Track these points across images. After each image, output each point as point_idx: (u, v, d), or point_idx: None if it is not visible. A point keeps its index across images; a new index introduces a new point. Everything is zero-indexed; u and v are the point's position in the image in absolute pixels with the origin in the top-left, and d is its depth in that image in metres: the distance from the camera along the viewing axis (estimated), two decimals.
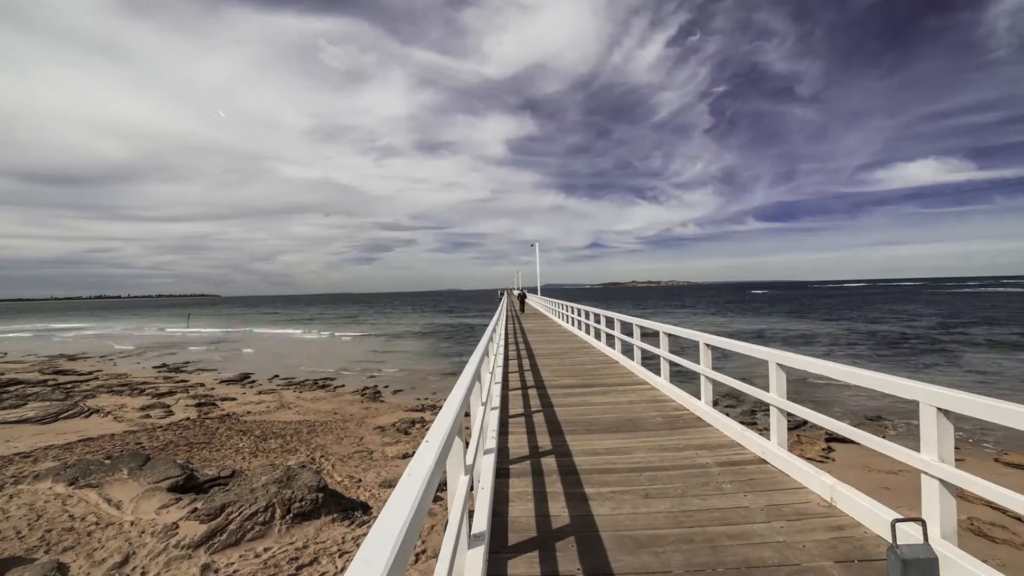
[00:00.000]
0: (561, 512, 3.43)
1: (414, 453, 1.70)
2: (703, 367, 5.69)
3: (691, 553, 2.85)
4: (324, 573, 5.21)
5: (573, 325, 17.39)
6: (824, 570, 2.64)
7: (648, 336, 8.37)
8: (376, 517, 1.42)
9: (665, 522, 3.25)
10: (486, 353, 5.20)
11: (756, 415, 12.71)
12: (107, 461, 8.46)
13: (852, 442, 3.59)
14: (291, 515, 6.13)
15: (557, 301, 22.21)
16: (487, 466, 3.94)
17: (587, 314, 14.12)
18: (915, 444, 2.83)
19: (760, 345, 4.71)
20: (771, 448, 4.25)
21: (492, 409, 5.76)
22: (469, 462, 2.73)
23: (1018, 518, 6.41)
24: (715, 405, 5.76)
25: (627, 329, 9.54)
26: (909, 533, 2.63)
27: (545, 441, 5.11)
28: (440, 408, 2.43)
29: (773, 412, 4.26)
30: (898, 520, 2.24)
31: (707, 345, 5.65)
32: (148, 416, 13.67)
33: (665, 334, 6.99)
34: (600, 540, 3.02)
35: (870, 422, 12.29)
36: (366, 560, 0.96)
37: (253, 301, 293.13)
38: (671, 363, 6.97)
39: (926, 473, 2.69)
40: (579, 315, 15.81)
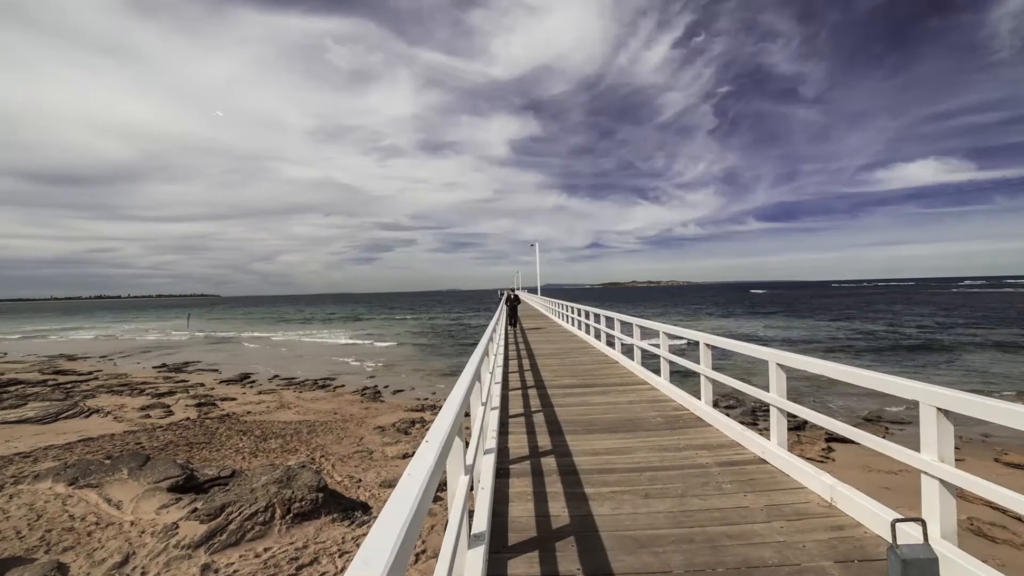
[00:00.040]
0: (561, 512, 3.43)
1: (414, 453, 1.70)
2: (703, 367, 5.69)
3: (691, 553, 2.85)
4: (324, 573, 5.21)
5: (573, 325, 17.39)
6: (824, 570, 2.64)
7: (648, 336, 8.37)
8: (376, 517, 1.42)
9: (665, 522, 3.25)
10: (486, 353, 5.20)
11: (756, 415, 12.71)
12: (107, 461, 8.46)
13: (852, 442, 3.59)
14: (291, 515, 6.13)
15: (557, 301, 22.21)
16: (487, 466, 3.94)
17: (587, 314, 14.12)
18: (915, 444, 2.84)
19: (760, 345, 4.71)
20: (771, 448, 4.25)
21: (492, 409, 5.76)
22: (469, 462, 2.73)
23: (1018, 518, 6.41)
24: (715, 405, 5.76)
25: (627, 329, 9.54)
26: (909, 533, 2.63)
27: (545, 441, 5.11)
28: (440, 408, 2.43)
29: (773, 412, 4.26)
30: (898, 520, 2.24)
31: (707, 345, 5.65)
32: (148, 416, 13.68)
33: (665, 334, 7.00)
34: (600, 540, 3.02)
35: (870, 422, 12.29)
36: (366, 560, 0.96)
37: (253, 301, 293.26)
38: (671, 363, 6.98)
39: (926, 473, 2.69)
40: (579, 315, 15.81)
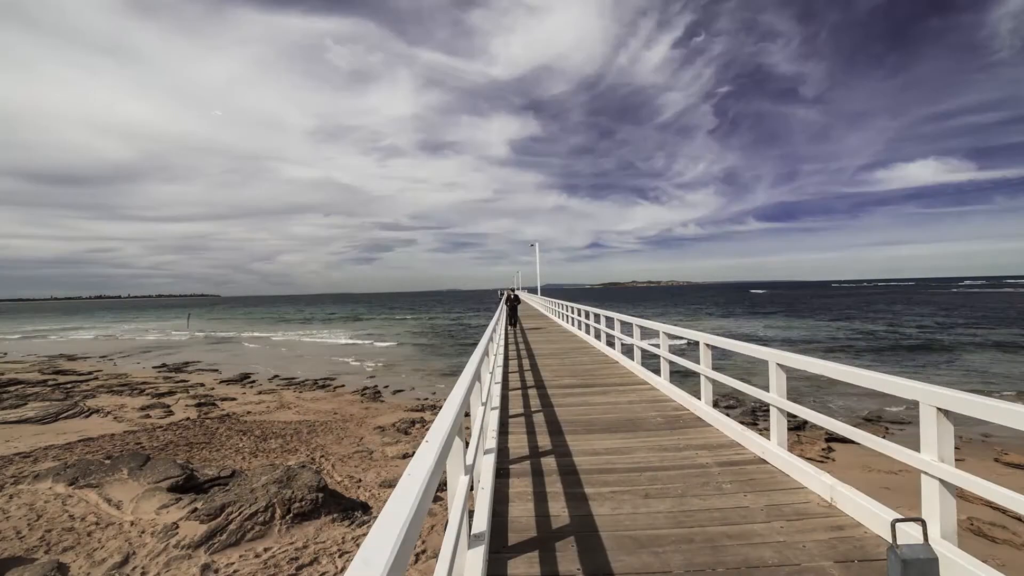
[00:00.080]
0: (561, 512, 3.43)
1: (414, 453, 1.70)
2: (703, 367, 5.69)
3: (691, 553, 2.85)
4: (324, 573, 5.21)
5: (573, 325, 17.39)
6: (824, 570, 2.64)
7: (648, 336, 8.37)
8: (376, 517, 1.42)
9: (665, 522, 3.25)
10: (486, 353, 5.20)
11: (756, 415, 12.71)
12: (107, 461, 8.46)
13: (852, 442, 3.59)
14: (291, 515, 6.13)
15: (557, 301, 22.21)
16: (487, 466, 3.94)
17: (587, 314, 14.12)
18: (915, 444, 2.84)
19: (760, 345, 4.71)
20: (771, 448, 4.25)
21: (492, 409, 5.76)
22: (469, 462, 2.73)
23: (1018, 518, 6.41)
24: (715, 405, 5.76)
25: (627, 329, 9.54)
26: (909, 533, 2.63)
27: (545, 441, 5.11)
28: (440, 408, 2.43)
29: (773, 412, 4.26)
30: (898, 520, 2.24)
31: (707, 345, 5.65)
32: (148, 416, 13.68)
33: (665, 334, 7.00)
34: (600, 540, 3.02)
35: (870, 422, 12.29)
36: (366, 560, 0.96)
37: (253, 301, 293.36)
38: (671, 363, 6.98)
39: (926, 473, 2.69)
40: (579, 315, 15.81)
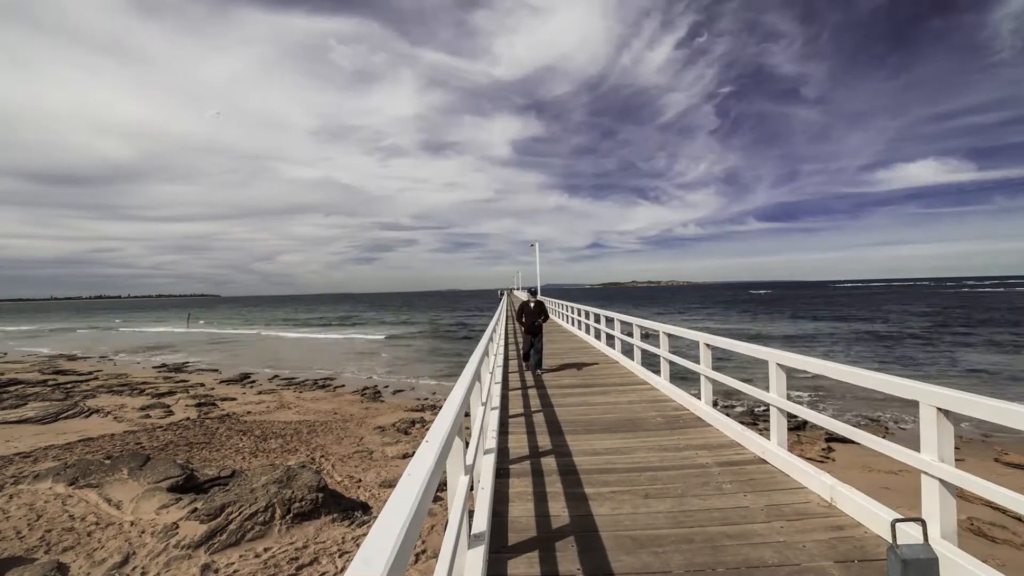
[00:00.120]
0: (561, 512, 3.43)
1: (414, 453, 1.70)
2: (703, 367, 5.69)
3: (691, 553, 2.85)
4: (324, 573, 5.21)
5: (573, 325, 17.39)
6: (824, 570, 2.64)
7: (648, 336, 8.37)
8: (376, 517, 1.42)
9: (665, 522, 3.25)
10: (486, 353, 5.20)
11: (756, 415, 12.72)
12: (107, 461, 8.45)
13: (852, 442, 3.59)
14: (291, 515, 6.13)
15: (557, 301, 22.21)
16: (487, 466, 3.94)
17: (587, 314, 14.12)
18: (915, 444, 2.84)
19: (760, 345, 4.71)
20: (771, 448, 4.25)
21: (492, 409, 5.76)
22: (469, 462, 2.73)
23: (1018, 518, 6.41)
24: (715, 405, 5.76)
25: (627, 329, 9.54)
26: (909, 533, 2.63)
27: (545, 441, 5.11)
28: (440, 408, 2.43)
29: (773, 412, 4.26)
30: (898, 520, 2.24)
31: (707, 345, 5.65)
32: (148, 416, 13.68)
33: (665, 334, 7.00)
34: (600, 540, 3.02)
35: (870, 422, 12.29)
36: (366, 560, 0.96)
37: (253, 301, 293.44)
38: (671, 363, 6.98)
39: (926, 473, 2.69)
40: (579, 315, 15.81)
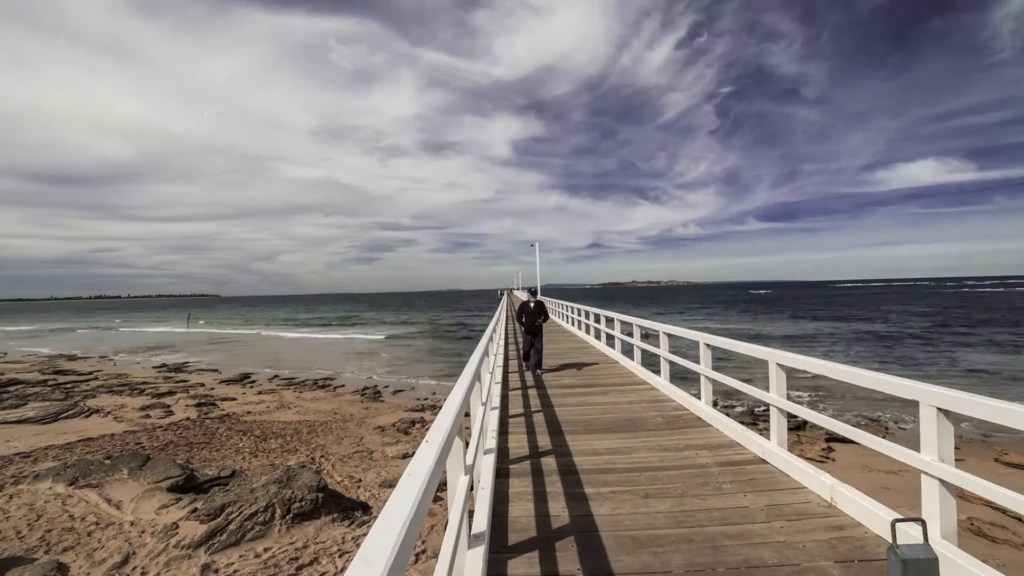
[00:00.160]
0: (561, 512, 3.43)
1: (414, 453, 1.70)
2: (703, 367, 5.69)
3: (691, 553, 2.85)
4: (324, 573, 5.21)
5: (573, 325, 17.39)
6: (824, 570, 2.64)
7: (648, 336, 8.37)
8: (376, 517, 1.42)
9: (665, 522, 3.25)
10: (486, 353, 5.20)
11: (756, 415, 12.72)
12: (107, 461, 8.45)
13: (852, 442, 3.59)
14: (291, 515, 6.13)
15: (557, 301, 22.21)
16: (487, 466, 3.94)
17: (587, 314, 14.12)
18: (915, 444, 2.84)
19: (760, 345, 4.71)
20: (771, 448, 4.25)
21: (492, 409, 5.76)
22: (469, 462, 2.73)
23: (1018, 518, 6.41)
24: (715, 405, 5.76)
25: (627, 329, 9.54)
26: (909, 533, 2.63)
27: (545, 441, 5.11)
28: (440, 408, 2.43)
29: (773, 412, 4.26)
30: (898, 520, 2.24)
31: (707, 345, 5.65)
32: (148, 416, 13.68)
33: (665, 334, 7.00)
34: (600, 540, 3.02)
35: (870, 422, 12.29)
36: (366, 560, 0.96)
37: (254, 301, 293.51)
38: (671, 363, 6.98)
39: (926, 473, 2.69)
40: (579, 315, 15.81)
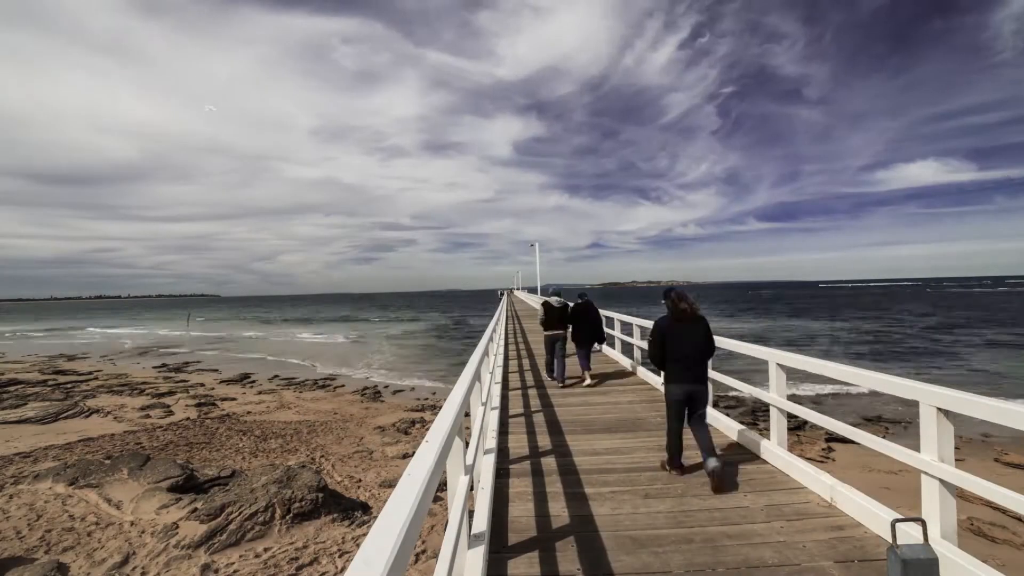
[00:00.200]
0: (561, 512, 3.43)
1: (414, 453, 1.70)
2: None
3: (691, 553, 2.85)
4: (324, 573, 5.21)
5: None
6: (824, 570, 2.64)
7: (648, 336, 8.36)
8: (376, 517, 1.42)
9: (665, 522, 3.25)
10: (486, 353, 5.20)
11: (756, 415, 12.71)
12: (107, 461, 8.45)
13: (852, 442, 3.59)
14: (291, 515, 6.13)
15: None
16: (487, 466, 3.94)
17: None
18: (915, 444, 2.84)
19: (760, 345, 4.71)
20: (771, 448, 4.25)
21: (492, 409, 5.76)
22: (469, 462, 2.73)
23: (1018, 518, 6.41)
24: (715, 405, 5.75)
25: (627, 329, 9.54)
26: (909, 533, 2.63)
27: (545, 441, 5.11)
28: (440, 408, 2.43)
29: (773, 412, 4.26)
30: (898, 520, 2.23)
31: None
32: (148, 416, 13.67)
33: None
34: (600, 540, 3.02)
35: (870, 422, 12.29)
36: (366, 560, 0.96)
37: (254, 301, 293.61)
38: None
39: (926, 473, 2.69)
40: None
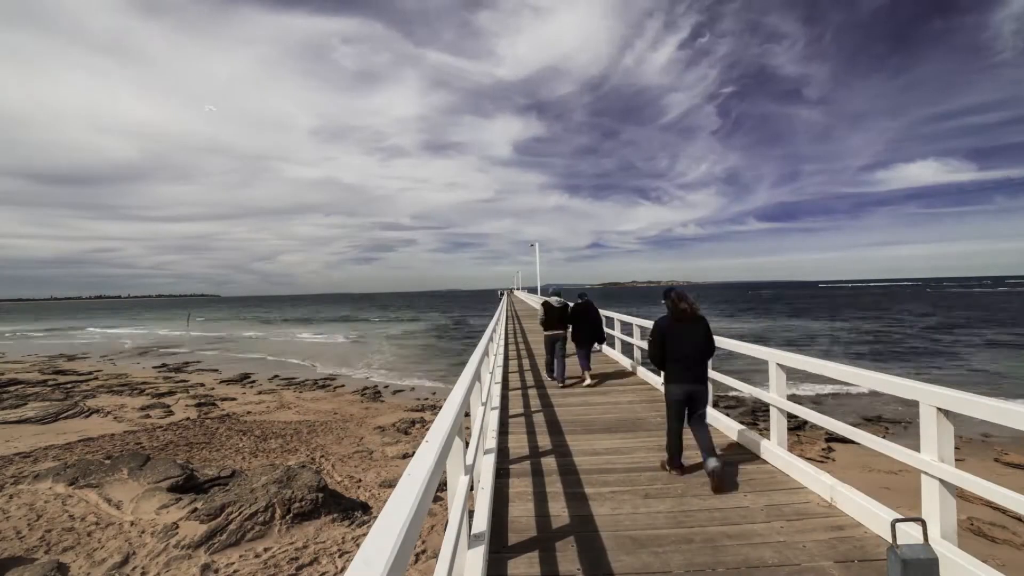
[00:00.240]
0: (561, 512, 3.43)
1: (414, 453, 1.70)
2: None
3: (691, 553, 2.85)
4: (324, 573, 5.21)
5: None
6: (824, 570, 2.64)
7: (648, 336, 8.36)
8: (376, 517, 1.42)
9: (665, 522, 3.25)
10: (486, 353, 5.20)
11: (756, 415, 12.71)
12: (107, 461, 8.45)
13: (852, 442, 3.59)
14: (291, 515, 6.13)
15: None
16: (487, 466, 3.94)
17: None
18: (915, 444, 2.84)
19: (760, 345, 4.71)
20: (771, 448, 4.25)
21: (492, 409, 5.76)
22: (469, 462, 2.73)
23: (1018, 518, 6.41)
24: (715, 405, 5.75)
25: (627, 329, 9.54)
26: (909, 533, 2.63)
27: (545, 441, 5.11)
28: (440, 408, 2.43)
29: (773, 412, 4.26)
30: (898, 520, 2.23)
31: None
32: (148, 416, 13.67)
33: None
34: (600, 540, 3.02)
35: (870, 422, 12.29)
36: (366, 560, 0.96)
37: (254, 301, 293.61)
38: None
39: (926, 473, 2.69)
40: None
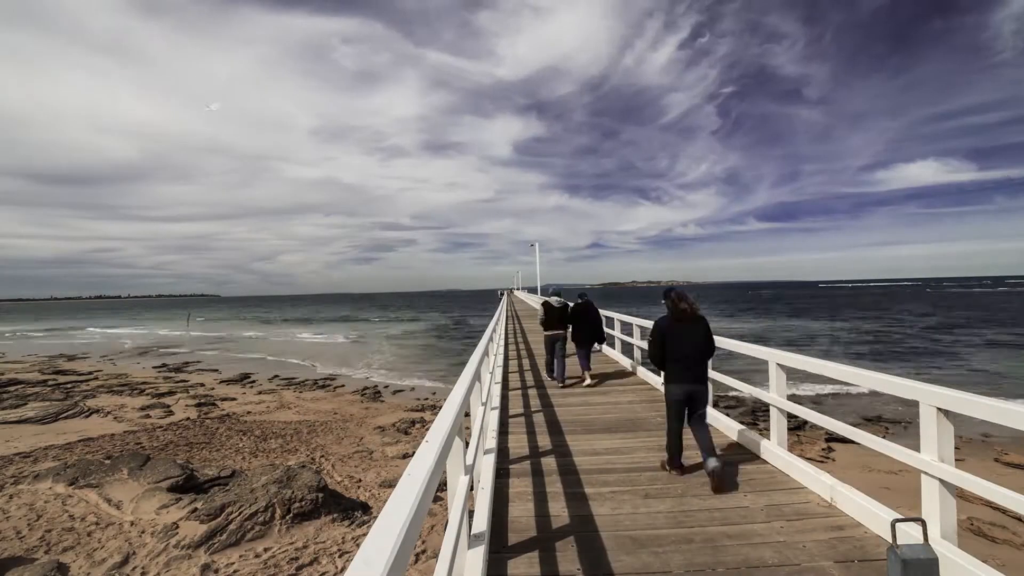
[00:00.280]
0: (561, 512, 3.43)
1: (414, 453, 1.70)
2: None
3: (691, 553, 2.85)
4: (324, 573, 5.21)
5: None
6: (824, 570, 2.64)
7: (648, 336, 8.36)
8: (376, 517, 1.42)
9: (665, 522, 3.25)
10: (486, 353, 5.20)
11: (756, 415, 12.71)
12: (107, 461, 8.45)
13: (852, 442, 3.59)
14: (291, 515, 6.13)
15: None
16: (487, 466, 3.94)
17: None
18: (915, 444, 2.84)
19: (760, 345, 4.71)
20: (771, 448, 4.25)
21: (492, 409, 5.76)
22: (469, 462, 2.73)
23: (1018, 518, 6.41)
24: (715, 405, 5.76)
25: (627, 329, 9.54)
26: (909, 533, 2.63)
27: (545, 441, 5.11)
28: (440, 408, 2.43)
29: (773, 412, 4.26)
30: (898, 520, 2.23)
31: None
32: (148, 416, 13.68)
33: None
34: (600, 540, 3.02)
35: (870, 422, 12.29)
36: (366, 560, 0.96)
37: (254, 301, 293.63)
38: None
39: (926, 473, 2.69)
40: None
